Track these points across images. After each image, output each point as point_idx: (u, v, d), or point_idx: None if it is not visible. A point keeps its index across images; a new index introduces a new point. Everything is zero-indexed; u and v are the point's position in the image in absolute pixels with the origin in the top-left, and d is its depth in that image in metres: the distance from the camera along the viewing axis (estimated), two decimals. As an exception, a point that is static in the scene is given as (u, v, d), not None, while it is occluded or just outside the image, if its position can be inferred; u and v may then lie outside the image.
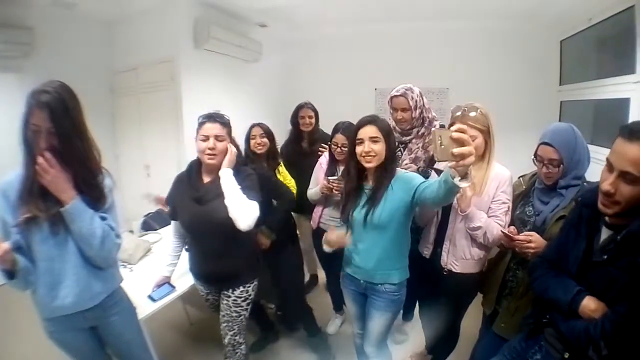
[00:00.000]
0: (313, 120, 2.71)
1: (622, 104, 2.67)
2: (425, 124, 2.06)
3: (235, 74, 3.99)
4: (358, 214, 1.57)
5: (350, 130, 1.64)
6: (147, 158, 3.87)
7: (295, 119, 2.75)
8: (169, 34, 3.40)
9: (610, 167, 0.97)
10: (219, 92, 3.77)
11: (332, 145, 2.13)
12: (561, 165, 1.38)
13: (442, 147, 1.07)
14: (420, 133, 2.06)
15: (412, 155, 2.04)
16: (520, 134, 3.15)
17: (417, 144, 2.06)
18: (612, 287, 0.99)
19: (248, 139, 2.33)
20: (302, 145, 2.74)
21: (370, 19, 3.97)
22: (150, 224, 2.87)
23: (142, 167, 3.88)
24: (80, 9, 3.35)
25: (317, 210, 2.28)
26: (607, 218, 1.06)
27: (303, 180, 2.37)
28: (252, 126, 2.35)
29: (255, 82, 4.30)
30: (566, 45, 3.75)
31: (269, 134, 2.36)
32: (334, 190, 2.04)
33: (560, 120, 3.83)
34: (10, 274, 1.13)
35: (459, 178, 1.11)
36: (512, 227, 1.49)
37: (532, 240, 1.38)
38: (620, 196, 0.94)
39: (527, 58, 3.96)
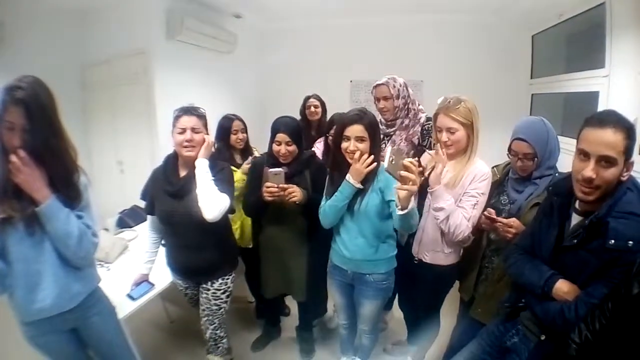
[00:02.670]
0: (319, 110, 2.87)
1: (591, 97, 2.75)
2: (410, 115, 2.07)
3: (209, 66, 3.90)
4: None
5: (340, 121, 1.62)
6: (120, 153, 3.75)
7: (303, 109, 2.91)
8: (141, 25, 3.29)
9: (585, 155, 1.01)
10: (193, 84, 3.68)
11: (330, 137, 2.13)
12: (535, 159, 1.43)
13: (393, 163, 1.28)
14: (404, 125, 2.07)
15: (395, 148, 2.04)
16: (492, 126, 3.20)
17: (401, 136, 2.06)
18: (583, 270, 1.04)
19: (228, 132, 2.29)
20: (312, 134, 2.86)
21: (345, 11, 3.97)
22: (126, 221, 2.79)
23: (115, 163, 3.76)
24: (50, 1, 3.18)
25: None
26: (577, 205, 1.12)
27: None
28: (232, 120, 2.30)
29: (230, 73, 4.23)
30: (537, 40, 3.86)
31: (246, 128, 2.35)
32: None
33: (531, 113, 3.95)
34: None
35: (400, 208, 1.31)
36: (490, 209, 1.50)
37: (513, 226, 1.42)
38: (601, 180, 0.99)
39: (499, 52, 4.06)
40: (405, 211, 1.31)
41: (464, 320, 1.76)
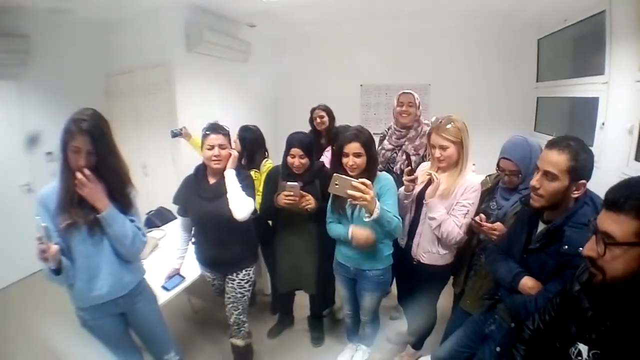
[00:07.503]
0: (326, 119, 3.02)
1: (593, 102, 2.83)
2: (415, 127, 2.37)
3: (226, 75, 4.12)
4: (348, 208, 1.84)
5: (340, 139, 1.83)
6: (143, 157, 3.97)
7: (311, 120, 3.08)
8: (163, 38, 3.51)
9: (537, 169, 1.24)
10: (211, 93, 3.92)
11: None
12: (520, 174, 1.63)
13: (337, 186, 1.58)
14: (410, 136, 2.37)
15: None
16: (499, 128, 3.32)
17: (408, 148, 2.35)
18: (543, 269, 1.24)
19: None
20: (321, 142, 3.04)
21: (356, 18, 4.12)
22: (153, 221, 3.04)
23: (138, 166, 3.96)
24: (75, 15, 3.39)
25: None
26: (544, 215, 1.31)
27: None
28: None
29: (246, 81, 4.42)
30: (543, 44, 3.93)
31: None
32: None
33: (536, 116, 4.06)
34: (56, 271, 1.34)
35: (367, 215, 1.61)
36: (481, 215, 1.69)
37: (497, 229, 1.61)
38: (544, 191, 1.22)
39: (506, 55, 4.16)
40: (371, 218, 1.60)
41: (455, 311, 1.97)
